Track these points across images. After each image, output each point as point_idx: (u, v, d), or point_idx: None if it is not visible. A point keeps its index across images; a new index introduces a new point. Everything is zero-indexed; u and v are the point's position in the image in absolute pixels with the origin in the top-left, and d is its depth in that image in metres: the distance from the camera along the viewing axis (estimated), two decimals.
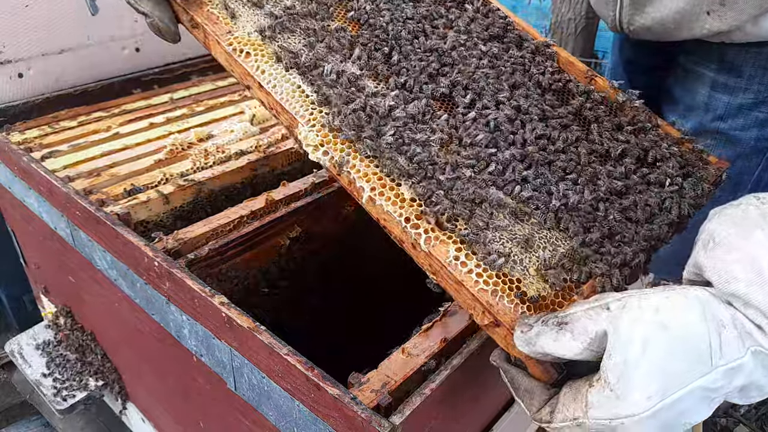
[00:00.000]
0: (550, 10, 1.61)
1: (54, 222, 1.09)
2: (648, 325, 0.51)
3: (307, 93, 0.74)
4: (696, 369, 0.50)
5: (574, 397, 0.54)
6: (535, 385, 0.59)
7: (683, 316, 0.51)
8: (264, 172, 1.17)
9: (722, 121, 1.15)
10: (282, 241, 1.01)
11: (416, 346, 0.72)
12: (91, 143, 1.23)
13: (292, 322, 1.07)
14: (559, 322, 0.55)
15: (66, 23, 1.46)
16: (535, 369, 0.59)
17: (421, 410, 0.63)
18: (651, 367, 0.50)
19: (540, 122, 0.77)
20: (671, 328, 0.51)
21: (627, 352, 0.50)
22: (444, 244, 0.64)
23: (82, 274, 1.11)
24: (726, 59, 1.11)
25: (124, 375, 1.23)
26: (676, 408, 0.50)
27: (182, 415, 1.06)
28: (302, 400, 0.65)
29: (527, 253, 0.65)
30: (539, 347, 0.55)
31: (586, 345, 0.53)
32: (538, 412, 0.58)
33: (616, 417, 0.51)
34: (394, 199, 0.66)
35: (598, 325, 0.53)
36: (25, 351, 1.35)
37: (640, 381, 0.50)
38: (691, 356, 0.50)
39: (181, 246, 0.90)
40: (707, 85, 1.16)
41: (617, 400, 0.50)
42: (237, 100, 1.45)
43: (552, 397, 0.58)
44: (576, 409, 0.53)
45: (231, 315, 0.71)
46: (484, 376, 0.78)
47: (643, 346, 0.50)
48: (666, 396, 0.49)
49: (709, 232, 0.57)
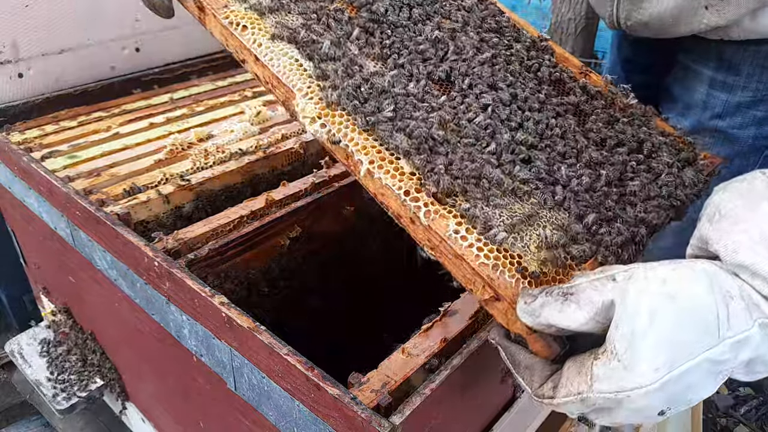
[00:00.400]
0: (550, 10, 1.61)
1: (54, 222, 1.09)
2: (655, 297, 0.50)
3: (305, 67, 0.73)
4: (703, 341, 0.49)
5: (578, 370, 0.53)
6: (537, 361, 0.58)
7: (690, 288, 0.50)
8: (264, 172, 1.17)
9: (720, 119, 1.15)
10: (282, 241, 1.01)
11: (416, 346, 0.72)
12: (91, 143, 1.23)
13: (293, 322, 1.07)
14: (564, 292, 0.54)
15: (66, 23, 1.46)
16: (537, 344, 0.58)
17: (421, 410, 0.63)
18: (658, 338, 0.49)
19: (538, 112, 0.77)
20: (678, 300, 0.50)
21: (634, 323, 0.49)
22: (444, 218, 0.63)
23: (82, 274, 1.11)
24: (724, 57, 1.11)
25: (124, 375, 1.23)
26: (683, 381, 0.49)
27: (182, 415, 1.06)
28: (302, 400, 0.65)
29: (528, 230, 0.64)
30: (543, 318, 0.54)
31: (592, 315, 0.52)
32: (540, 388, 0.57)
33: (622, 389, 0.50)
34: (393, 173, 0.66)
35: (604, 295, 0.52)
36: (25, 351, 1.35)
37: (648, 352, 0.49)
38: (698, 328, 0.49)
39: (181, 246, 0.90)
40: (705, 83, 1.16)
41: (624, 371, 0.50)
42: (237, 100, 1.45)
43: (554, 373, 0.57)
44: (580, 383, 0.52)
45: (231, 315, 0.71)
46: (485, 376, 0.78)
47: (651, 317, 0.49)
48: (674, 368, 0.49)
49: (714, 205, 0.56)
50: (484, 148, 0.70)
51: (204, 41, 1.76)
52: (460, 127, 0.72)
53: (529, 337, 0.58)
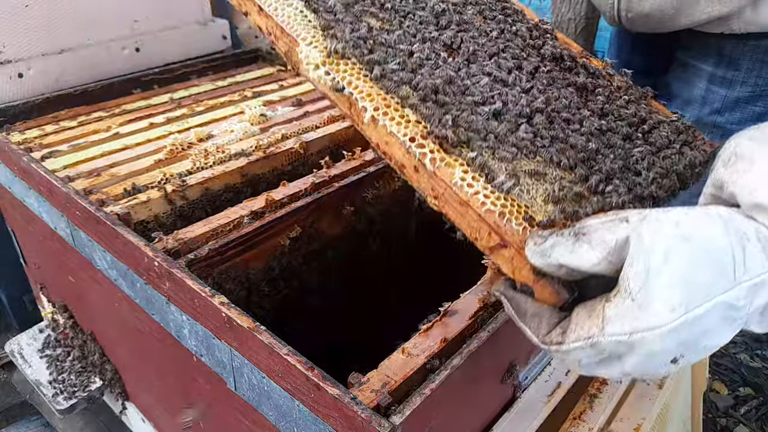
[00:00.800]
0: (550, 10, 1.61)
1: (54, 222, 1.09)
2: (669, 237, 0.48)
3: (310, 18, 0.73)
4: (719, 283, 0.48)
5: (588, 314, 0.52)
6: (545, 308, 0.56)
7: (705, 230, 0.49)
8: (264, 171, 1.17)
9: (719, 115, 1.15)
10: (282, 241, 1.01)
11: (416, 346, 0.72)
12: (91, 143, 1.23)
13: (293, 322, 1.07)
14: (576, 232, 0.52)
15: (66, 23, 1.46)
16: (545, 291, 0.56)
17: (422, 410, 0.63)
18: (674, 277, 0.47)
19: (542, 82, 0.77)
20: (693, 241, 0.48)
21: (649, 260, 0.48)
22: (449, 167, 0.61)
23: (82, 274, 1.11)
24: (724, 53, 1.12)
25: (124, 375, 1.23)
26: (698, 325, 0.48)
27: (182, 414, 1.06)
28: (302, 400, 0.65)
29: (534, 185, 0.63)
30: (554, 258, 0.53)
31: (605, 255, 0.51)
32: (547, 335, 0.55)
33: (636, 330, 0.48)
34: (398, 120, 0.64)
35: (618, 234, 0.50)
36: (25, 351, 1.36)
37: (663, 291, 0.47)
38: (714, 270, 0.48)
39: (181, 246, 0.90)
40: (704, 79, 1.16)
41: (638, 310, 0.48)
42: (237, 100, 1.45)
43: (562, 321, 0.55)
44: (591, 327, 0.51)
45: (231, 315, 0.71)
46: (485, 377, 0.78)
47: (665, 255, 0.48)
48: (690, 309, 0.47)
49: (730, 150, 0.55)
50: (491, 106, 0.69)
51: (204, 41, 1.76)
52: (466, 86, 0.71)
53: (537, 284, 0.56)
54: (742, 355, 2.19)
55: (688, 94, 1.20)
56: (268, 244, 0.99)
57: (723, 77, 1.12)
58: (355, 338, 1.10)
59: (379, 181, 1.14)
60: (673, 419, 1.13)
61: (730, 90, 1.12)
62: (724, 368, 2.14)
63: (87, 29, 1.50)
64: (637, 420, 0.95)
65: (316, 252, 1.09)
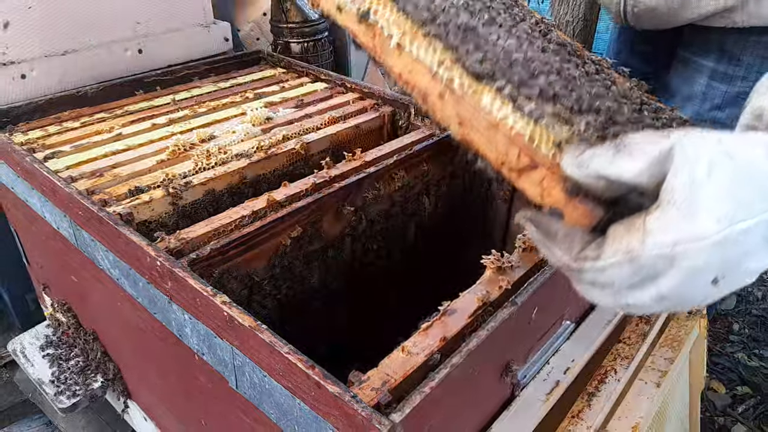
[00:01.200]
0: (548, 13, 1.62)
1: (57, 222, 1.10)
2: (713, 152, 0.47)
3: None
4: (761, 204, 0.46)
5: (627, 229, 0.49)
6: (576, 229, 0.54)
7: (747, 151, 0.48)
8: (265, 172, 1.18)
9: (719, 111, 1.16)
10: (283, 240, 1.02)
11: (416, 344, 0.72)
12: (93, 144, 1.23)
13: (294, 321, 1.08)
14: (616, 144, 0.50)
15: (69, 25, 1.47)
16: (575, 212, 0.53)
17: (422, 408, 0.63)
18: (718, 190, 0.45)
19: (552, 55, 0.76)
20: (736, 158, 0.47)
21: (695, 171, 0.46)
22: (478, 93, 0.60)
23: (84, 274, 1.12)
24: (725, 48, 1.12)
25: (126, 374, 1.24)
26: (741, 243, 0.46)
27: (184, 413, 1.07)
28: (303, 398, 0.66)
29: (561, 123, 0.60)
30: (593, 169, 0.50)
31: (647, 165, 0.48)
32: (582, 251, 0.52)
33: (680, 241, 0.45)
34: (426, 47, 0.62)
35: (661, 145, 0.48)
36: (27, 350, 1.36)
37: (708, 201, 0.45)
38: (756, 189, 0.46)
39: (183, 246, 0.90)
40: (706, 75, 1.17)
41: (683, 220, 0.45)
42: (239, 102, 1.46)
43: (596, 240, 0.52)
44: (631, 240, 0.48)
45: (232, 314, 0.72)
46: (484, 375, 0.78)
47: (710, 168, 0.46)
48: (735, 222, 0.45)
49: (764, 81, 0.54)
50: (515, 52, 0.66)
51: (206, 43, 1.77)
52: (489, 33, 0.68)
53: (568, 205, 0.54)
54: (739, 354, 2.20)
55: (689, 91, 1.20)
56: (270, 244, 1.00)
57: (724, 73, 1.13)
58: (356, 337, 1.10)
59: (379, 181, 1.15)
60: (671, 418, 1.14)
61: (731, 86, 1.13)
62: (721, 367, 2.15)
63: (90, 31, 1.51)
64: (635, 418, 0.96)
65: (316, 252, 1.10)
